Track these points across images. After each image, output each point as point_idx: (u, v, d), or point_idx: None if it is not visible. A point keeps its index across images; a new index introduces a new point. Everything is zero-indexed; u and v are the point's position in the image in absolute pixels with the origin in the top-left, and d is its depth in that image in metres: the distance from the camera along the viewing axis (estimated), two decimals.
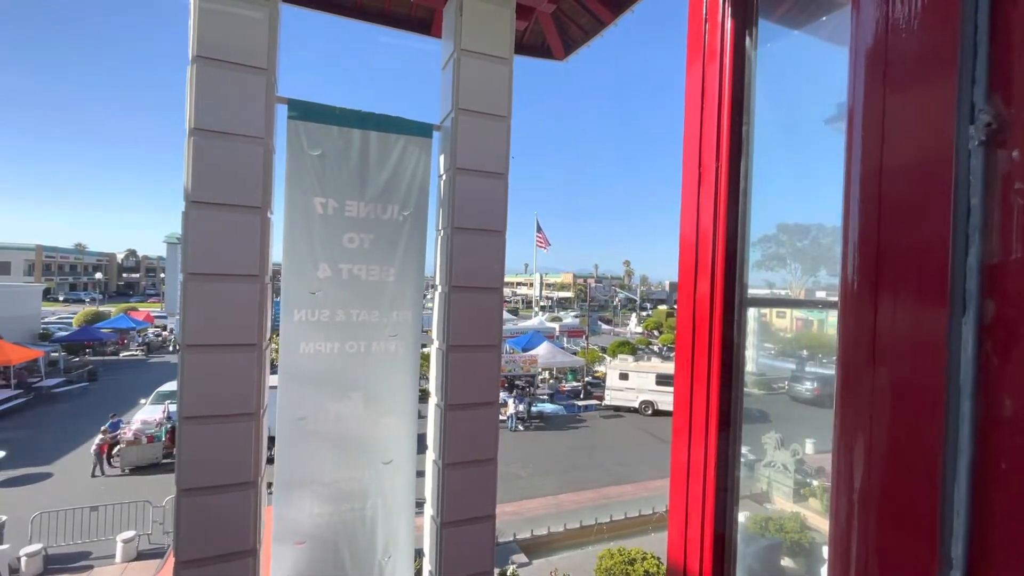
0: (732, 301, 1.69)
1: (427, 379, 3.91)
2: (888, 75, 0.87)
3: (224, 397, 2.90)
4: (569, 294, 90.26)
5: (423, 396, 3.72)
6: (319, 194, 3.33)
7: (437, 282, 3.79)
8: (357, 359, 3.47)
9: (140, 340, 34.48)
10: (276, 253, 3.31)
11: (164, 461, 15.09)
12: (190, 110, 2.85)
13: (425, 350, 4.07)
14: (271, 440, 3.56)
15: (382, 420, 3.56)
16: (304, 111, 3.28)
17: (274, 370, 3.74)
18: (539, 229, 40.46)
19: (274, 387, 3.30)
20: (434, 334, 3.82)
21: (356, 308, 3.46)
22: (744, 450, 1.75)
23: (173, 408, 16.57)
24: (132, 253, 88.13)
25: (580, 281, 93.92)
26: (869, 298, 0.88)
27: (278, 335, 3.28)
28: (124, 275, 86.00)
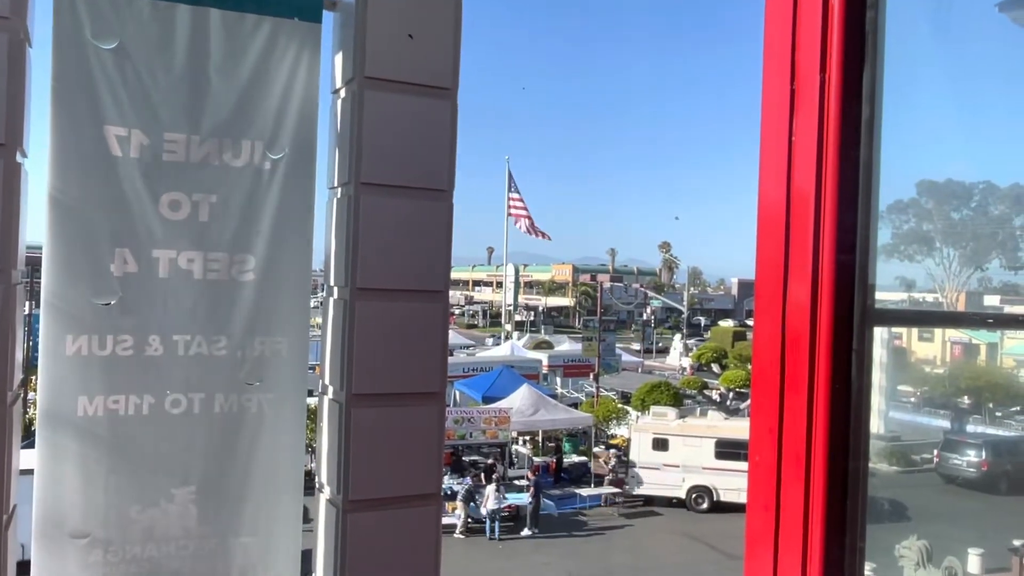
0: (847, 314, 1.67)
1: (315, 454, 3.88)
2: None
3: None
4: (566, 300, 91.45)
5: (309, 484, 3.76)
6: (116, 121, 3.34)
7: (331, 282, 3.69)
8: (187, 427, 3.47)
9: None
10: (35, 231, 3.16)
11: None
12: None
13: (312, 403, 4.09)
14: (23, 568, 3.43)
15: (233, 542, 3.56)
16: None
17: (30, 443, 3.59)
18: (515, 189, 38.71)
19: (29, 473, 3.20)
20: (325, 375, 3.71)
21: (185, 332, 3.48)
22: (868, 571, 1.74)
23: None
24: None
25: (585, 278, 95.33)
26: None
27: (37, 380, 3.37)
28: None
